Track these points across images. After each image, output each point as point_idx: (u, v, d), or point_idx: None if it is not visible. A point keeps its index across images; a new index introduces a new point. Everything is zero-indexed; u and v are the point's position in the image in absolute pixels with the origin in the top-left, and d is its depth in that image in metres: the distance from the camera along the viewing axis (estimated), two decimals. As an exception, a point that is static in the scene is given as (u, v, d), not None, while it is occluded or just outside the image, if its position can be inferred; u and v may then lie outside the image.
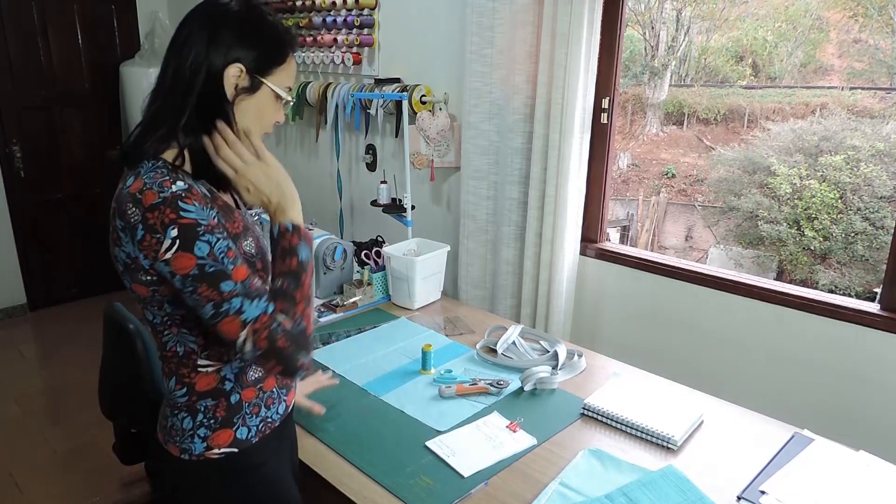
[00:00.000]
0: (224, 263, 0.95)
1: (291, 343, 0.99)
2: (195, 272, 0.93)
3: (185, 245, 0.92)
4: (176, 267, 0.93)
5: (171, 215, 0.92)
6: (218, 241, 0.95)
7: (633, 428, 1.44)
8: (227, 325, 0.96)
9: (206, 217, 0.95)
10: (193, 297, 0.95)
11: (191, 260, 0.93)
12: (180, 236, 0.92)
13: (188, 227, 0.93)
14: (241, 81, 1.02)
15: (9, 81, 3.81)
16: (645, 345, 2.34)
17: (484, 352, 1.81)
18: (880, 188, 5.46)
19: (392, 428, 1.46)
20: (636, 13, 8.28)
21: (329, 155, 3.38)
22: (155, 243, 0.92)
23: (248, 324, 0.96)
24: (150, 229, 0.92)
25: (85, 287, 4.32)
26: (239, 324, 0.95)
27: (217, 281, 0.94)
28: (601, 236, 2.47)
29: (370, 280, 2.24)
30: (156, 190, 0.93)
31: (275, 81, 1.05)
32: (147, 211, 0.92)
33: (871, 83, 6.89)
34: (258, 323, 0.96)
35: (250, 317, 0.96)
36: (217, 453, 1.08)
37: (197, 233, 0.93)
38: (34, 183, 4.00)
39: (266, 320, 0.97)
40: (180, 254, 0.92)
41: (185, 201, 0.93)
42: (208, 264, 0.94)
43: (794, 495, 1.23)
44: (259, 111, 1.05)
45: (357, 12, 2.98)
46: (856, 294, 5.34)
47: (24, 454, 2.70)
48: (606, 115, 2.32)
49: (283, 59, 1.05)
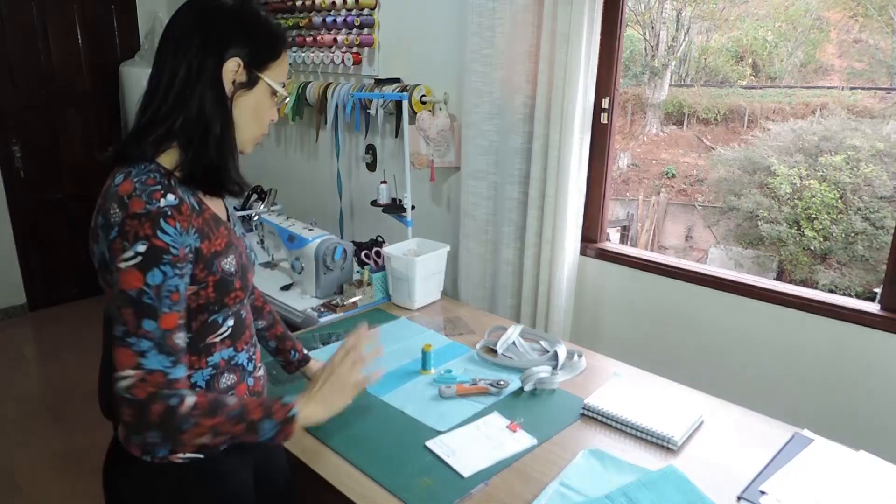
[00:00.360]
0: (161, 303, 0.92)
1: (166, 423, 0.92)
2: (133, 294, 0.90)
3: (143, 264, 0.90)
4: (122, 279, 0.90)
5: (146, 231, 0.90)
6: (172, 278, 0.93)
7: (633, 428, 1.44)
8: (122, 354, 0.91)
9: (179, 245, 0.93)
10: (115, 311, 0.92)
11: (138, 281, 0.90)
12: (145, 254, 0.90)
13: (156, 250, 0.91)
14: (239, 76, 1.01)
15: (9, 81, 3.81)
16: (645, 345, 2.34)
17: (484, 352, 1.81)
18: (880, 188, 5.46)
19: (392, 428, 1.46)
20: (636, 13, 8.28)
21: (329, 155, 3.38)
22: (120, 249, 0.90)
23: (143, 369, 0.91)
24: (124, 235, 0.90)
25: (85, 287, 4.32)
26: (132, 361, 0.91)
27: (143, 315, 0.91)
28: (601, 236, 2.47)
29: (370, 280, 2.24)
30: (144, 200, 0.91)
31: (270, 77, 1.05)
32: (128, 217, 0.91)
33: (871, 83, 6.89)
34: (150, 375, 0.92)
35: (149, 366, 0.91)
36: (182, 458, 1.05)
37: (161, 259, 0.91)
38: (34, 183, 4.00)
39: (160, 380, 0.92)
40: (133, 271, 0.90)
41: (167, 221, 0.92)
42: (148, 295, 0.91)
43: (794, 495, 1.23)
44: (256, 107, 1.05)
45: (357, 12, 2.98)
46: (856, 294, 5.34)
47: (24, 454, 2.70)
48: (606, 115, 2.32)
49: (277, 54, 1.05)
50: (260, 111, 1.06)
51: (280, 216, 2.60)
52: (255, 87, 1.03)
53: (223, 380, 1.09)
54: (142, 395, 0.91)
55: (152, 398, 0.91)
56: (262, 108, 1.06)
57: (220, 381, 1.09)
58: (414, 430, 1.45)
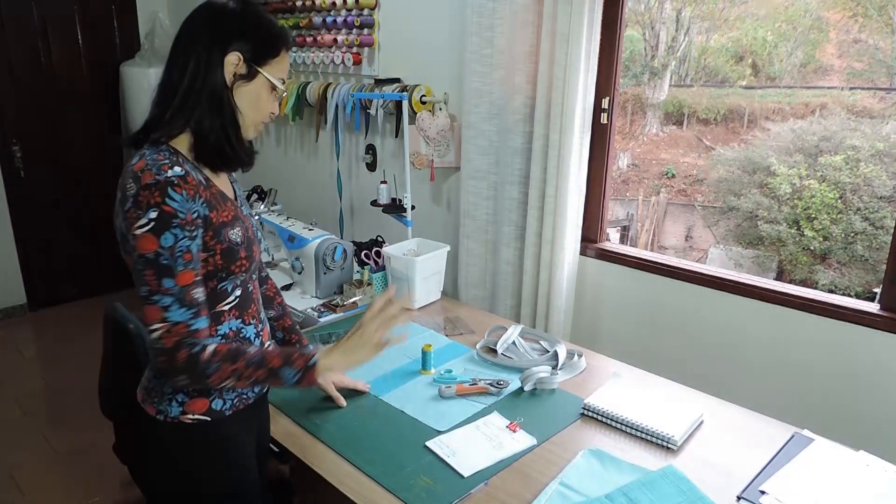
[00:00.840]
0: (176, 262, 1.04)
1: (191, 367, 1.06)
2: (150, 257, 1.03)
3: (156, 229, 1.02)
4: (139, 244, 1.03)
5: (156, 199, 1.02)
6: (183, 239, 1.05)
7: (633, 428, 1.44)
8: (150, 311, 1.05)
9: (186, 210, 1.05)
10: (137, 276, 1.05)
11: (153, 244, 1.03)
12: (156, 219, 1.02)
13: (166, 215, 1.03)
14: (239, 69, 1.13)
15: (9, 81, 3.81)
16: (645, 345, 2.34)
17: (484, 352, 1.81)
18: (880, 188, 5.46)
19: (392, 428, 1.46)
20: (636, 13, 8.27)
21: (329, 155, 3.38)
22: (135, 217, 1.03)
23: (168, 322, 1.04)
24: (137, 205, 1.03)
25: (85, 287, 4.32)
26: (159, 315, 1.05)
27: (162, 274, 1.04)
28: (601, 236, 2.47)
29: (370, 280, 2.24)
30: (154, 171, 1.04)
31: (269, 72, 1.16)
32: (141, 189, 1.03)
33: (871, 83, 6.89)
34: (178, 327, 1.05)
35: (173, 318, 1.05)
36: (191, 418, 1.17)
37: (171, 223, 1.03)
38: (34, 183, 4.00)
39: (183, 330, 1.06)
40: (148, 235, 1.02)
41: (174, 189, 1.04)
42: (164, 256, 1.03)
43: (794, 495, 1.23)
44: (255, 98, 1.16)
45: (357, 12, 2.98)
46: (856, 294, 5.34)
47: (24, 454, 2.70)
48: (606, 115, 2.32)
49: (276, 52, 1.17)
50: (259, 101, 1.17)
51: (280, 216, 2.61)
52: (254, 80, 1.15)
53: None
54: (169, 343, 1.05)
55: (178, 346, 1.05)
56: (261, 99, 1.17)
57: None
58: (414, 430, 1.45)
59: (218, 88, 1.12)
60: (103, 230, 4.34)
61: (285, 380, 1.15)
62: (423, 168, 2.70)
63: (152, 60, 3.96)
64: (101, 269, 4.38)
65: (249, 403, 1.25)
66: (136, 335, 1.56)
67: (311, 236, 2.29)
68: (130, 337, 1.56)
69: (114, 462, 1.83)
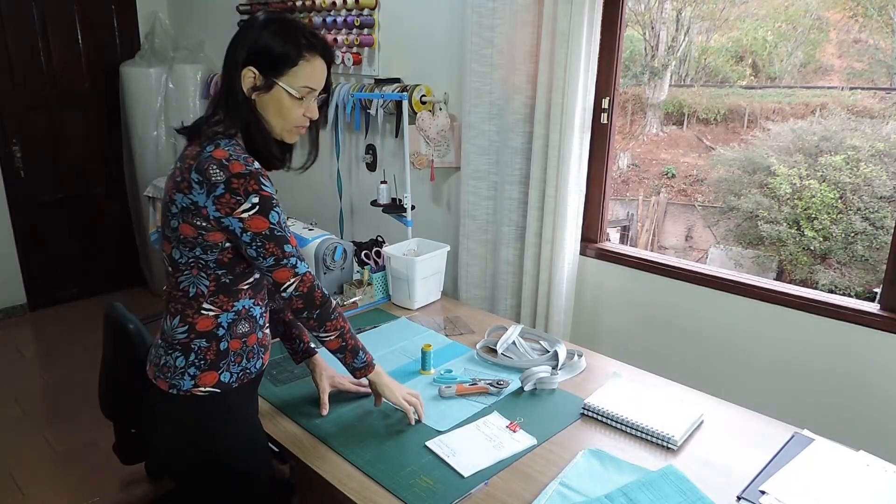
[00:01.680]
0: (285, 232, 1.25)
1: (325, 304, 1.32)
2: (267, 233, 1.22)
3: (262, 211, 1.21)
4: (250, 225, 1.20)
5: (254, 186, 1.20)
6: (281, 215, 1.25)
7: (633, 428, 1.44)
8: (280, 273, 1.25)
9: (273, 193, 1.24)
10: (259, 250, 1.23)
11: (265, 223, 1.22)
12: (260, 203, 1.20)
13: (267, 199, 1.21)
14: (258, 81, 1.25)
15: (9, 81, 3.81)
16: (645, 345, 2.34)
17: (484, 352, 1.81)
18: (880, 188, 5.46)
19: (392, 428, 1.46)
20: (636, 13, 8.27)
21: (329, 155, 3.38)
22: (234, 203, 1.18)
23: (299, 274, 1.27)
24: (233, 191, 1.18)
25: (85, 287, 4.32)
26: (290, 273, 1.26)
27: (281, 243, 1.24)
28: (601, 236, 2.47)
29: (370, 280, 2.24)
30: (242, 162, 1.20)
31: (287, 82, 1.25)
32: (234, 176, 1.18)
33: (871, 83, 6.89)
34: (306, 276, 1.28)
35: (301, 271, 1.28)
36: (202, 391, 1.29)
37: (272, 204, 1.22)
38: (34, 183, 4.00)
39: (310, 277, 1.29)
40: (257, 217, 1.21)
41: (264, 178, 1.22)
42: (276, 230, 1.23)
43: (794, 495, 1.23)
44: (277, 107, 1.27)
45: (357, 12, 2.98)
46: (856, 294, 5.34)
47: (24, 454, 2.70)
48: (606, 115, 2.32)
49: (293, 62, 1.25)
50: (282, 109, 1.28)
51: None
52: (272, 90, 1.26)
53: (240, 326, 1.32)
54: (305, 289, 1.29)
55: (312, 289, 1.30)
56: (284, 108, 1.28)
57: (238, 327, 1.32)
58: (414, 429, 1.45)
59: (242, 100, 1.26)
60: (103, 230, 4.35)
61: (356, 359, 1.40)
62: (423, 168, 2.70)
63: (152, 60, 3.96)
64: (101, 269, 4.38)
65: (251, 377, 1.36)
66: (135, 335, 1.56)
67: (311, 236, 2.29)
68: (130, 337, 1.56)
69: (114, 462, 1.83)
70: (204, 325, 1.28)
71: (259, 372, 1.39)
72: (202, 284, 1.27)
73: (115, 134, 4.19)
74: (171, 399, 1.29)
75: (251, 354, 1.35)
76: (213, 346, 1.29)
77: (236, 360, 1.32)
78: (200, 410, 1.30)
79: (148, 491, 2.44)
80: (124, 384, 1.65)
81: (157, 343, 1.34)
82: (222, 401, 1.31)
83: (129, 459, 1.77)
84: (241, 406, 1.35)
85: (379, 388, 1.46)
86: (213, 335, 1.29)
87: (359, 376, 1.42)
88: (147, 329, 1.58)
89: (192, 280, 1.27)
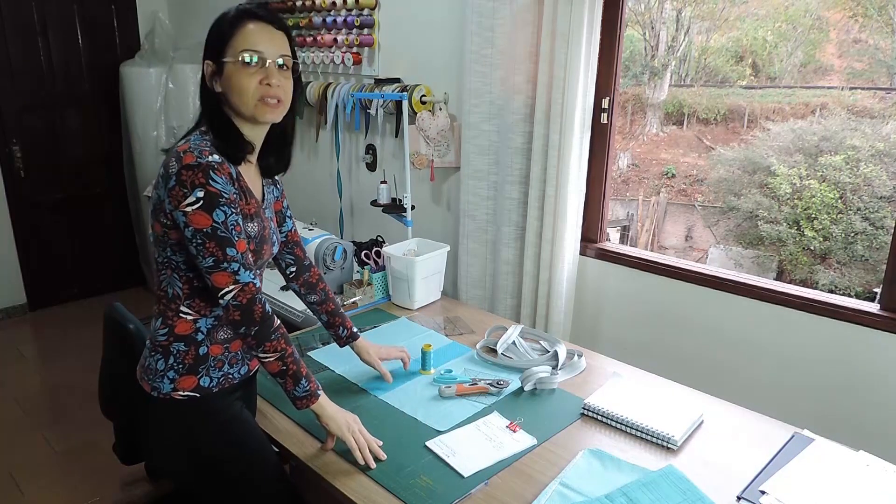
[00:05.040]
0: (231, 234, 1.18)
1: (263, 321, 1.22)
2: (208, 231, 1.16)
3: (206, 207, 1.16)
4: (192, 220, 1.16)
5: (201, 179, 1.15)
6: (231, 215, 1.19)
7: (633, 428, 1.44)
8: (219, 276, 1.19)
9: (228, 191, 1.18)
10: (199, 249, 1.17)
11: (207, 220, 1.16)
12: (205, 198, 1.15)
13: (213, 195, 1.16)
14: (211, 69, 1.25)
15: (9, 81, 3.81)
16: (645, 345, 2.34)
17: (484, 352, 1.81)
18: (880, 188, 5.46)
19: (392, 428, 1.46)
20: (636, 13, 8.27)
21: (329, 155, 3.38)
22: (181, 195, 1.15)
23: (240, 283, 1.19)
24: (181, 183, 1.15)
25: (85, 287, 4.32)
26: (230, 279, 1.19)
27: (224, 245, 1.17)
28: (601, 236, 2.47)
29: (370, 280, 2.24)
30: (195, 154, 1.16)
31: (230, 54, 1.23)
32: (183, 168, 1.15)
33: (871, 83, 6.88)
34: (249, 286, 1.20)
35: (243, 279, 1.20)
36: (181, 395, 1.28)
37: (219, 202, 1.17)
38: (34, 183, 4.00)
39: (253, 288, 1.21)
40: (200, 212, 1.15)
41: (215, 172, 1.17)
42: (220, 229, 1.17)
43: (794, 495, 1.23)
44: (232, 84, 1.23)
45: (357, 12, 2.98)
46: (856, 294, 5.34)
47: (24, 454, 2.70)
48: (606, 115, 2.32)
49: (228, 36, 1.23)
50: (236, 84, 1.23)
51: (280, 216, 2.60)
52: (224, 71, 1.24)
53: (221, 333, 1.31)
54: (244, 299, 1.20)
55: (254, 301, 1.21)
56: (238, 80, 1.23)
57: (220, 333, 1.31)
58: (414, 430, 1.45)
59: (207, 92, 1.27)
60: (103, 230, 4.35)
61: (297, 387, 1.28)
62: (423, 168, 2.70)
63: (152, 60, 3.96)
64: (101, 269, 4.37)
65: (234, 383, 1.34)
66: (135, 335, 1.56)
67: (311, 236, 2.29)
68: (130, 337, 1.56)
69: (114, 462, 1.82)
70: (182, 328, 1.27)
71: (245, 377, 1.38)
72: (177, 286, 1.26)
73: (115, 134, 4.19)
74: (153, 401, 1.29)
75: (234, 360, 1.34)
76: (191, 351, 1.28)
77: (216, 366, 1.31)
78: (181, 414, 1.29)
79: (148, 491, 2.44)
80: (124, 384, 1.65)
81: (147, 344, 1.33)
82: (203, 404, 1.29)
83: (129, 459, 1.77)
84: (225, 409, 1.33)
85: (323, 421, 1.32)
86: (192, 339, 1.28)
87: (299, 406, 1.30)
88: (147, 329, 1.58)
89: (169, 281, 1.26)
